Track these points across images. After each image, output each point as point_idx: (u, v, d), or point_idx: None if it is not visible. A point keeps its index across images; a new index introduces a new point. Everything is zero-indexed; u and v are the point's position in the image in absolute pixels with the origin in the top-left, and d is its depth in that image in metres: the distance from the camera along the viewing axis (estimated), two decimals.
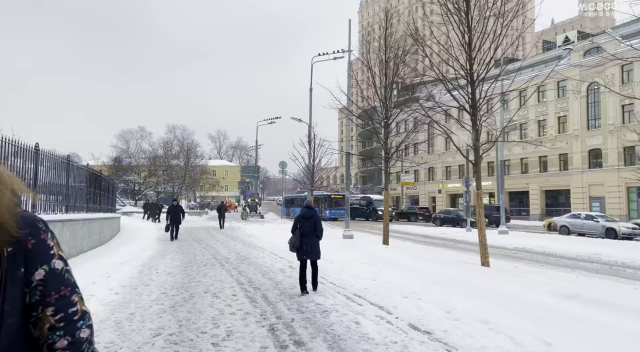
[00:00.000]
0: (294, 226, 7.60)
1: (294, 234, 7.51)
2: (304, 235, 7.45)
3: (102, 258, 10.93)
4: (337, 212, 38.70)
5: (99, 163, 61.40)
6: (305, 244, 7.46)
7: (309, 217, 7.57)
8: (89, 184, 13.55)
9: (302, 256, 7.55)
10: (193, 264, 10.82)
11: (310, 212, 7.68)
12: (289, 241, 7.61)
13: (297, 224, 7.57)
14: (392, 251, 12.72)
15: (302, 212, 7.67)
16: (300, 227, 7.49)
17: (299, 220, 7.56)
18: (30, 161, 8.92)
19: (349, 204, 18.86)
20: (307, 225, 7.53)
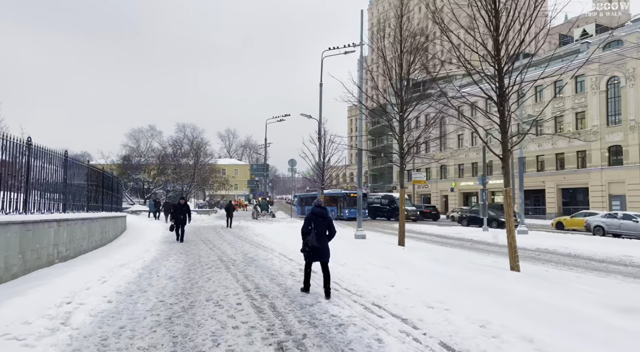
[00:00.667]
0: (306, 226, 7.13)
1: (309, 234, 7.07)
2: (318, 235, 7.06)
3: (101, 260, 10.29)
4: (356, 212, 37.05)
5: (108, 162, 61.54)
6: (320, 244, 7.10)
7: (324, 217, 7.18)
8: (90, 182, 12.94)
9: (314, 258, 7.19)
10: (197, 266, 10.14)
11: (324, 212, 7.28)
12: (304, 241, 7.18)
13: (309, 224, 7.12)
14: (409, 252, 11.91)
15: (316, 211, 7.22)
16: (314, 227, 7.06)
17: (312, 220, 7.11)
18: (22, 156, 8.28)
19: (361, 203, 18.08)
20: (321, 225, 7.12)
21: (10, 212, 7.71)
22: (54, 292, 6.57)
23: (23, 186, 8.35)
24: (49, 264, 8.98)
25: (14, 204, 7.87)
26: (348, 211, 36.97)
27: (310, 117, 26.39)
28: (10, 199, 7.73)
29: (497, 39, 8.52)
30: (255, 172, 47.14)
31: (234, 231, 22.90)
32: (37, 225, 8.31)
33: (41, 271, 8.38)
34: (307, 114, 26.49)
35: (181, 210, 15.91)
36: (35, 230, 8.24)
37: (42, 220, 8.51)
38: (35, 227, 8.27)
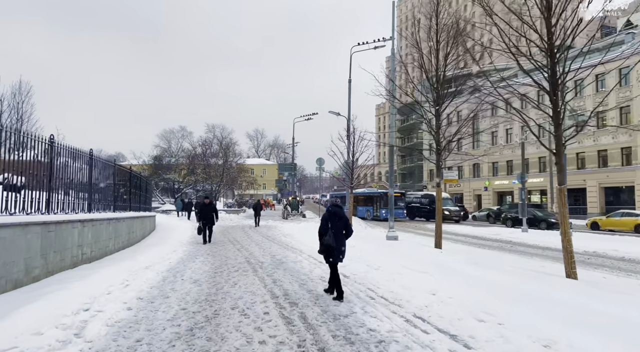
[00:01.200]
0: (324, 226, 6.97)
1: (328, 234, 6.88)
2: (336, 236, 6.92)
3: (126, 261, 10.00)
4: (395, 212, 35.27)
5: (140, 162, 62.79)
6: (338, 245, 6.95)
7: (340, 217, 7.06)
8: (117, 181, 12.74)
9: (334, 259, 6.98)
10: (223, 269, 9.69)
11: (341, 212, 7.18)
12: (322, 242, 6.96)
13: (327, 223, 6.96)
14: (447, 255, 11.12)
15: (333, 210, 7.08)
16: (331, 226, 6.92)
17: (329, 219, 6.97)
18: (44, 155, 8.02)
19: (392, 202, 17.32)
20: (338, 224, 6.98)
21: (32, 212, 7.44)
22: (73, 298, 6.21)
23: (46, 186, 8.09)
24: (74, 265, 8.71)
25: (36, 204, 7.60)
26: (385, 211, 34.63)
27: (339, 114, 25.77)
28: (32, 198, 7.46)
29: (549, 21, 7.66)
30: (283, 171, 46.89)
31: (261, 230, 22.55)
32: (60, 226, 8.04)
33: (64, 273, 8.10)
34: (335, 111, 25.88)
35: (207, 210, 15.17)
36: (58, 231, 7.97)
37: (65, 220, 8.24)
38: (58, 228, 7.99)
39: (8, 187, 7.21)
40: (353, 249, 14.10)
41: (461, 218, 34.51)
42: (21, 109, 28.85)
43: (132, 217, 13.76)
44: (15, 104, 28.79)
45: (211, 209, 15.29)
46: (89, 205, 10.11)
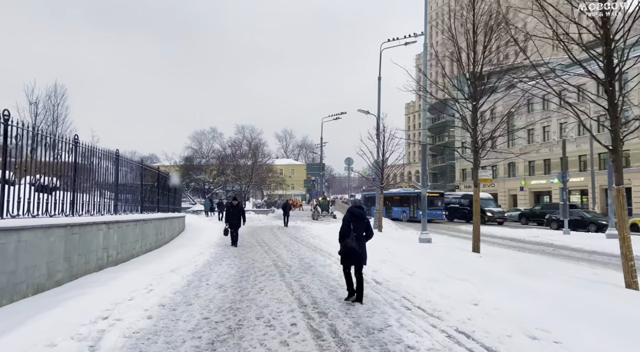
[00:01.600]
0: (345, 228, 6.78)
1: (350, 237, 6.67)
2: (358, 238, 6.72)
3: (152, 264, 9.80)
4: (432, 213, 32.08)
5: (171, 163, 64.00)
6: (359, 247, 6.71)
7: (362, 219, 6.88)
8: (145, 182, 12.64)
9: (352, 262, 6.81)
10: (250, 273, 9.34)
11: (362, 213, 6.98)
12: (343, 244, 6.74)
13: (349, 225, 6.76)
14: (487, 261, 10.40)
15: (354, 212, 6.90)
16: (353, 229, 6.73)
17: (350, 221, 6.77)
18: (68, 155, 7.86)
19: (425, 202, 16.59)
20: (360, 227, 6.81)
21: (55, 214, 7.28)
22: (94, 304, 5.95)
23: (70, 187, 7.94)
24: (99, 268, 8.55)
25: (60, 205, 7.44)
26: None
27: (368, 112, 25.18)
28: (55, 200, 7.30)
29: (605, 4, 6.90)
30: (311, 171, 46.55)
31: (290, 231, 22.23)
32: (84, 228, 7.87)
33: (89, 276, 7.93)
34: (364, 109, 25.29)
35: (234, 212, 14.66)
36: (82, 233, 7.80)
37: (89, 222, 8.07)
38: (83, 230, 7.82)
39: (38, 188, 7.08)
40: (385, 251, 13.56)
41: (504, 220, 32.21)
42: (56, 111, 29.68)
43: (160, 219, 13.65)
44: (51, 107, 29.61)
45: (238, 211, 14.79)
46: (115, 206, 9.97)
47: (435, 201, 33.41)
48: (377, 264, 10.87)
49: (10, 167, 6.51)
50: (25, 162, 6.68)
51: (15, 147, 6.19)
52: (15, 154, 6.45)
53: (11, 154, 6.72)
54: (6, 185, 5.92)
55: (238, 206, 14.99)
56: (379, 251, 13.48)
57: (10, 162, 6.67)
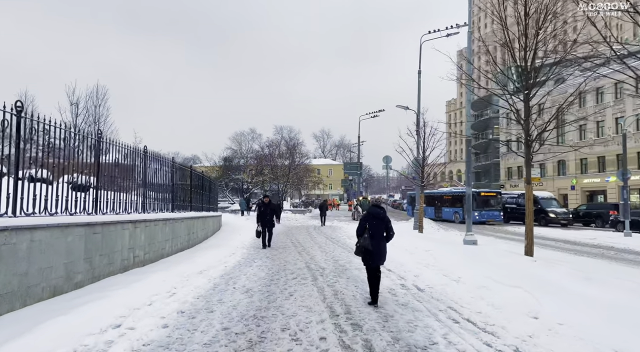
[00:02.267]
0: (361, 227, 6.74)
1: (362, 236, 6.65)
2: (373, 237, 6.58)
3: (181, 265, 9.41)
4: (487, 214, 29.89)
5: (211, 163, 65.06)
6: (376, 247, 6.55)
7: (381, 218, 6.72)
8: (176, 181, 12.35)
9: (371, 262, 6.62)
10: (281, 275, 8.74)
11: (381, 213, 6.78)
12: (358, 244, 6.73)
13: (365, 224, 6.71)
14: (543, 266, 9.29)
15: (372, 211, 6.79)
16: (369, 228, 6.64)
17: (367, 220, 6.71)
18: (90, 151, 7.55)
19: (470, 202, 15.49)
20: (377, 226, 6.67)
21: (76, 212, 6.95)
22: (110, 309, 5.52)
23: (93, 184, 7.63)
24: (124, 269, 8.21)
25: (81, 203, 7.11)
26: (479, 214, 29.38)
27: (407, 108, 24.12)
28: (76, 198, 6.97)
29: None
30: (348, 170, 45.74)
31: (326, 231, 21.59)
32: (107, 227, 7.53)
33: (112, 278, 7.58)
34: (403, 105, 24.26)
35: (266, 211, 13.56)
36: (105, 232, 7.46)
37: (113, 221, 7.72)
38: (106, 230, 7.48)
39: (76, 187, 6.81)
40: (426, 254, 12.64)
41: (569, 222, 28.65)
42: (98, 112, 30.48)
43: (193, 218, 13.35)
44: (92, 108, 30.46)
45: (271, 210, 13.78)
46: (142, 205, 9.66)
47: (491, 200, 30.62)
48: (419, 268, 10.02)
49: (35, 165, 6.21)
50: (42, 158, 6.35)
51: (30, 141, 5.84)
52: (30, 149, 6.13)
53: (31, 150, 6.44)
54: (20, 181, 5.58)
55: (270, 204, 14.00)
56: (420, 253, 12.59)
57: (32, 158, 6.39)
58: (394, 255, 12.27)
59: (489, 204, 30.38)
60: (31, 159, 6.18)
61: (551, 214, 28.40)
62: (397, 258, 11.68)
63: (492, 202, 30.58)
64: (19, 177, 5.61)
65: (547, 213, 28.45)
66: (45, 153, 6.42)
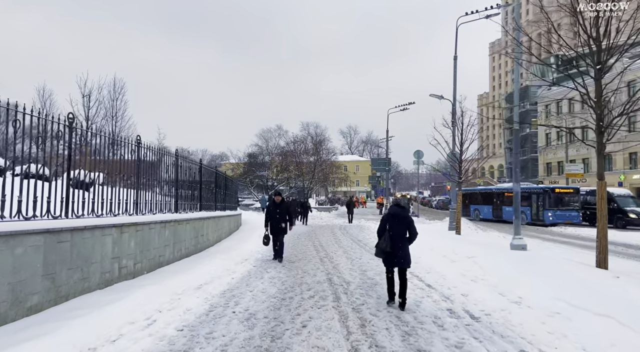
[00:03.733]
0: (380, 228, 6.51)
1: (382, 237, 6.38)
2: (394, 238, 6.28)
3: (178, 277, 7.93)
4: (564, 214, 25.76)
5: (236, 160, 64.33)
6: (397, 249, 6.25)
7: (402, 218, 6.41)
8: (182, 176, 10.90)
9: (391, 264, 6.40)
10: (296, 292, 7.12)
11: (403, 212, 6.51)
12: (377, 245, 6.42)
13: (385, 224, 6.45)
14: (631, 284, 7.29)
15: (392, 210, 6.53)
16: (389, 228, 6.36)
17: (388, 220, 6.45)
18: (58, 140, 6.11)
19: (518, 200, 13.41)
20: (398, 226, 6.36)
21: (35, 216, 5.50)
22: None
23: (61, 180, 6.19)
24: (105, 284, 6.76)
25: (43, 204, 5.66)
26: (552, 214, 25.47)
27: (442, 97, 22.07)
28: (35, 197, 5.52)
29: None
30: (376, 166, 43.73)
31: (352, 231, 19.87)
32: (80, 233, 6.08)
33: (86, 297, 6.12)
34: (437, 94, 22.19)
35: (276, 212, 10.60)
36: (77, 241, 6.01)
37: (89, 226, 6.27)
38: (78, 237, 6.03)
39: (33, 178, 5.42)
40: (470, 262, 10.76)
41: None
42: (115, 106, 29.62)
43: (202, 218, 11.90)
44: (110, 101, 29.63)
45: (283, 211, 10.79)
46: (135, 205, 8.21)
47: (568, 198, 26.25)
48: (465, 282, 8.20)
49: None
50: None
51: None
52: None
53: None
54: None
55: (282, 204, 10.90)
56: (462, 261, 10.73)
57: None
58: (432, 263, 10.46)
59: (566, 202, 26.28)
60: None
61: (632, 214, 24.06)
62: (436, 267, 9.88)
63: (570, 200, 26.33)
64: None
65: (625, 213, 24.24)
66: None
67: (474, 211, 32.48)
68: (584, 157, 46.19)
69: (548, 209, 25.91)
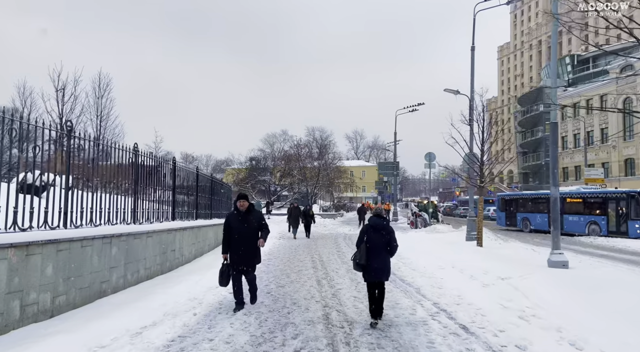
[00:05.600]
0: (360, 239, 6.07)
1: (359, 248, 5.98)
2: (371, 250, 5.87)
3: (115, 314, 5.75)
4: None
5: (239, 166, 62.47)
6: (375, 261, 5.85)
7: (380, 229, 6.00)
8: (143, 178, 8.73)
9: (370, 277, 5.94)
10: (275, 343, 4.89)
11: (381, 223, 6.06)
12: (353, 257, 6.05)
13: (363, 236, 6.03)
14: None
15: (372, 221, 6.11)
16: (367, 240, 5.93)
17: (367, 231, 6.05)
18: None
19: (558, 207, 11.05)
20: (376, 238, 5.95)
21: None
22: None
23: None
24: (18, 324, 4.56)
25: None
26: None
27: (458, 92, 19.85)
28: None
29: None
30: (383, 170, 41.49)
31: None
32: None
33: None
34: (452, 89, 19.99)
35: (245, 228, 6.46)
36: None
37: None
38: None
39: None
40: (506, 285, 8.43)
41: None
42: (100, 104, 27.58)
43: (172, 230, 9.71)
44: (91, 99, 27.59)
45: (253, 226, 6.53)
46: (64, 214, 6.03)
47: None
48: (514, 322, 5.92)
49: None
50: None
51: None
52: None
53: None
54: None
55: (253, 215, 6.63)
56: (496, 284, 8.43)
57: None
58: (460, 288, 8.15)
59: None
60: None
61: None
62: (466, 295, 7.58)
63: None
64: None
65: None
66: None
67: (522, 220, 27.65)
68: (603, 161, 43.66)
69: (635, 219, 21.05)
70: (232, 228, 6.48)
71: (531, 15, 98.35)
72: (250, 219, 6.54)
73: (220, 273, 6.51)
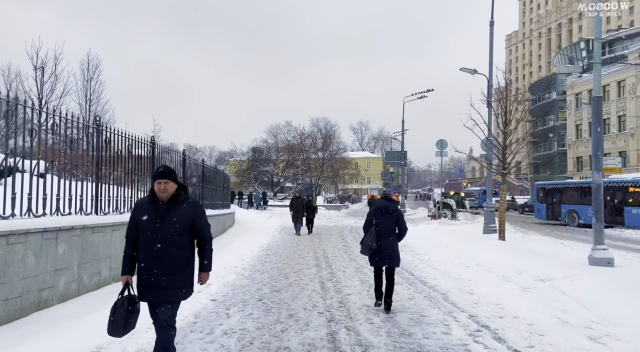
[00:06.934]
0: (368, 222, 5.91)
1: (368, 232, 5.77)
2: (380, 234, 5.67)
3: (44, 335, 4.25)
4: None
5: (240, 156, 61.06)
6: (384, 246, 5.63)
7: (390, 212, 5.79)
8: (108, 160, 7.20)
9: (378, 262, 5.73)
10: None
11: (390, 205, 5.84)
12: (362, 241, 5.82)
13: (372, 219, 5.83)
14: None
15: (380, 204, 5.88)
16: (376, 223, 5.74)
17: (375, 214, 5.82)
18: None
19: (601, 196, 9.41)
20: (385, 221, 5.76)
21: None
22: None
23: None
24: None
25: None
26: None
27: (476, 71, 18.12)
28: None
29: None
30: (390, 160, 39.85)
31: None
32: None
33: None
34: (469, 68, 18.27)
35: (166, 229, 3.20)
36: None
37: None
38: None
39: None
40: (550, 287, 6.78)
41: None
42: (89, 86, 25.94)
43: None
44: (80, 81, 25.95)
45: (182, 225, 3.27)
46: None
47: None
48: (577, 341, 4.42)
49: None
50: None
51: None
52: None
53: None
54: None
55: (177, 207, 3.30)
56: (538, 288, 6.88)
57: None
58: (497, 293, 6.55)
59: None
60: None
61: None
62: (507, 304, 6.01)
63: None
64: None
65: None
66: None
67: (568, 213, 24.01)
68: (620, 150, 41.72)
69: None
70: (144, 228, 3.25)
71: (540, 3, 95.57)
72: (178, 212, 3.28)
73: (112, 310, 3.22)
